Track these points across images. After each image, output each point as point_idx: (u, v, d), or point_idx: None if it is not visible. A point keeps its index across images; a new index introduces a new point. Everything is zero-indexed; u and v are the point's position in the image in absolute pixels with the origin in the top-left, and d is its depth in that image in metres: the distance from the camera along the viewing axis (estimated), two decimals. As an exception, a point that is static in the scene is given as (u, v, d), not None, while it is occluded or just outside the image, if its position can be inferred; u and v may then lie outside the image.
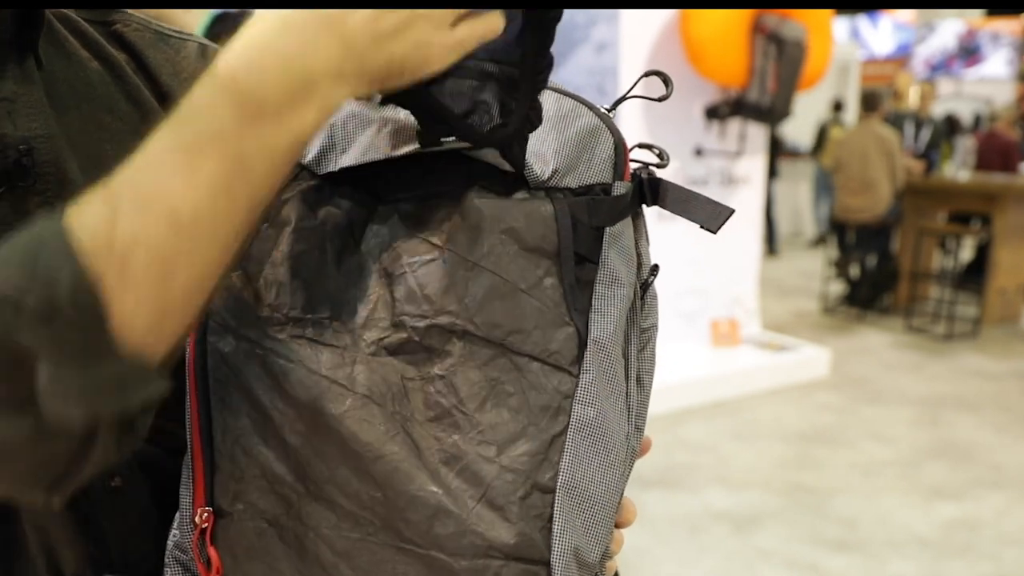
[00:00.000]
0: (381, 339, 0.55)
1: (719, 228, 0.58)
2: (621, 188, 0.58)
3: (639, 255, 0.60)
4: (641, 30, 4.19)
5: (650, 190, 0.60)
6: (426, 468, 0.53)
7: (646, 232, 0.62)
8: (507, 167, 0.55)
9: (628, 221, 0.59)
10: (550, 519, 0.53)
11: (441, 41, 0.48)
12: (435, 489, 0.53)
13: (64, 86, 0.61)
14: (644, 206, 0.61)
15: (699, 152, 4.51)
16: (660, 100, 0.60)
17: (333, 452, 0.55)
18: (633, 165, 0.61)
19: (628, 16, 4.14)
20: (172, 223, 0.43)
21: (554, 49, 0.53)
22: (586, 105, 0.60)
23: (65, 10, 0.64)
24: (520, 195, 0.56)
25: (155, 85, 0.67)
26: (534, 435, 0.54)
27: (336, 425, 0.54)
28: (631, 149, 0.61)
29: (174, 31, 0.71)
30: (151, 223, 0.43)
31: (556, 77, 0.57)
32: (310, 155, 0.58)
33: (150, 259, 0.43)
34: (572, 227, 0.55)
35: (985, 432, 3.99)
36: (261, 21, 0.46)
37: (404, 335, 0.55)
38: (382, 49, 0.47)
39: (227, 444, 0.58)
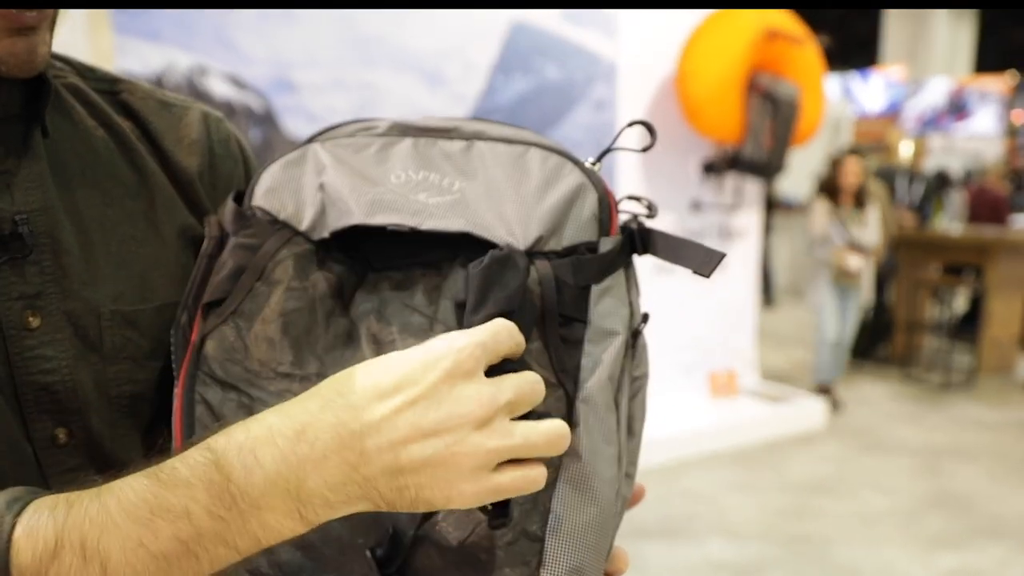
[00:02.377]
0: None
1: (711, 272, 0.58)
2: (608, 244, 0.58)
3: (630, 304, 0.60)
4: (639, 88, 4.32)
5: (641, 240, 0.61)
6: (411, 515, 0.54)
7: (636, 281, 0.63)
8: (491, 237, 0.56)
9: (620, 273, 0.59)
10: (538, 566, 0.53)
11: (474, 489, 0.45)
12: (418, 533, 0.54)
13: (69, 154, 0.63)
14: (636, 256, 0.62)
15: (696, 206, 4.60)
16: (645, 150, 0.61)
17: None
18: (623, 216, 0.62)
19: (626, 74, 4.26)
20: None
21: (554, 106, 0.58)
22: (572, 161, 0.61)
23: (74, 81, 0.67)
24: None
25: (158, 151, 0.70)
26: None
27: None
28: (620, 201, 0.62)
29: (178, 99, 0.74)
30: (80, 574, 0.44)
31: (556, 134, 0.62)
32: (305, 222, 0.60)
33: None
34: (557, 289, 0.55)
35: (984, 482, 4.01)
36: (279, 418, 0.46)
37: None
38: (396, 481, 0.44)
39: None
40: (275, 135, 3.36)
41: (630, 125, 0.64)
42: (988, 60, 14.12)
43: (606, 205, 0.59)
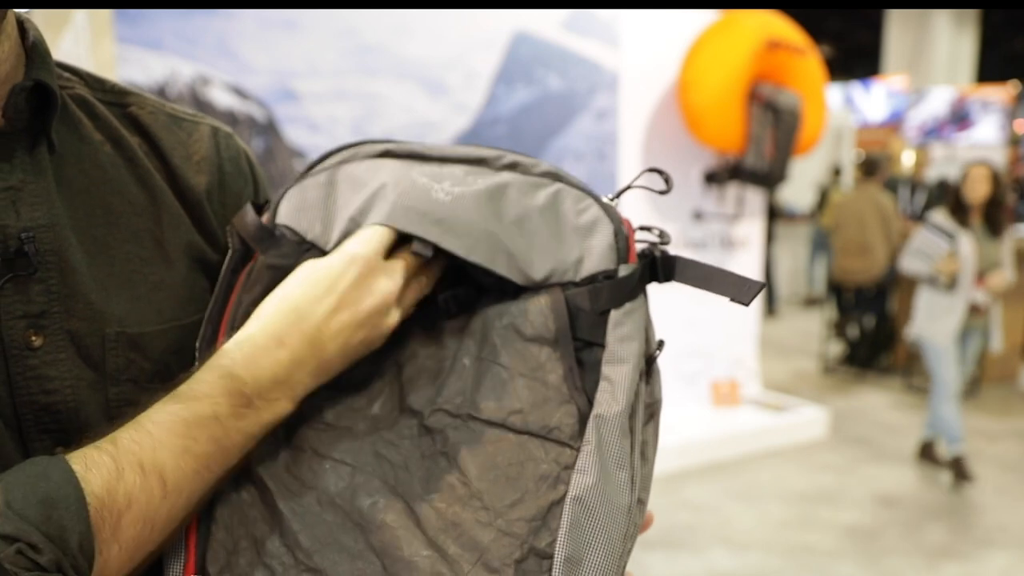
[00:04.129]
0: (387, 421, 0.61)
1: (751, 301, 0.59)
2: (625, 271, 0.60)
3: (646, 330, 0.61)
4: (641, 98, 4.33)
5: (663, 268, 0.62)
6: (424, 536, 0.54)
7: (647, 308, 0.64)
8: (505, 273, 0.62)
9: (641, 299, 0.61)
10: None
11: (390, 324, 0.62)
12: (427, 553, 0.54)
13: (75, 169, 0.62)
14: (656, 283, 0.63)
15: (698, 216, 4.60)
16: (662, 194, 0.64)
17: (330, 523, 0.56)
18: (640, 245, 0.63)
19: (628, 84, 4.27)
20: (160, 489, 0.52)
21: (555, 116, 0.60)
22: (591, 196, 0.64)
23: (82, 92, 0.66)
24: (525, 294, 0.62)
25: (167, 168, 0.68)
26: (531, 502, 0.55)
27: (335, 498, 0.57)
28: (635, 231, 0.64)
29: (188, 113, 0.73)
30: (145, 488, 0.52)
31: (558, 144, 0.63)
32: (331, 244, 0.64)
33: (137, 517, 0.51)
34: (574, 315, 0.60)
35: (986, 492, 3.99)
36: (260, 331, 0.59)
37: (411, 420, 0.60)
38: (345, 348, 0.60)
39: (224, 514, 0.58)
40: (277, 144, 3.37)
41: (648, 171, 0.67)
42: (990, 69, 14.15)
43: (623, 236, 0.62)
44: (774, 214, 8.40)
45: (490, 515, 0.55)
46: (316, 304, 0.60)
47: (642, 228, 0.65)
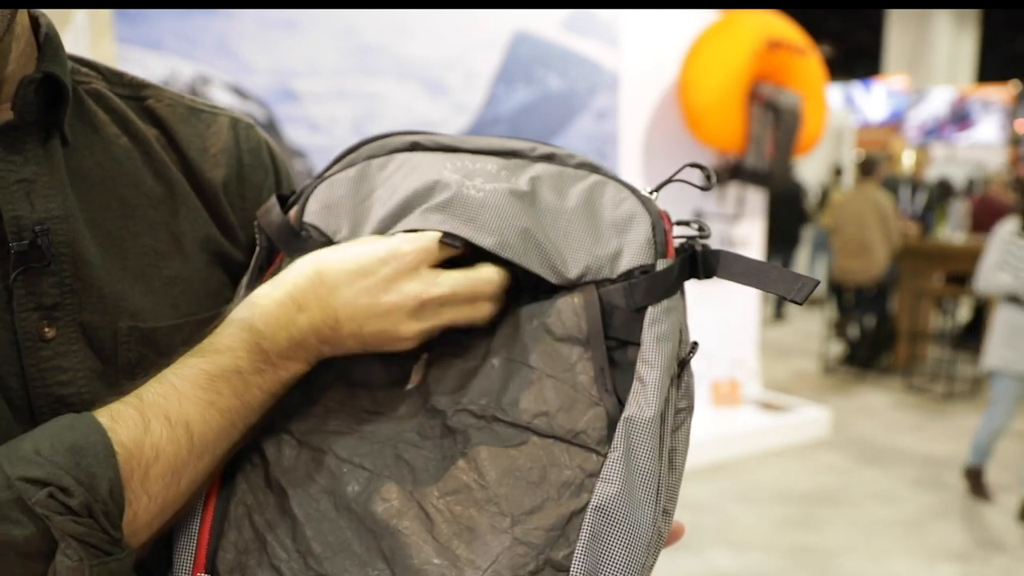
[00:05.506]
0: (411, 423, 0.59)
1: (805, 299, 0.55)
2: (663, 264, 0.58)
3: (681, 331, 0.58)
4: (641, 98, 4.32)
5: (704, 263, 0.60)
6: (436, 541, 0.53)
7: (685, 308, 0.61)
8: (544, 274, 0.60)
9: (679, 297, 0.58)
10: None
11: (409, 330, 0.60)
12: (438, 561, 0.52)
13: (89, 162, 0.61)
14: (696, 279, 0.60)
15: (698, 215, 4.60)
16: (704, 189, 0.62)
17: (343, 528, 0.55)
18: (679, 240, 0.61)
19: (628, 84, 4.27)
20: (187, 441, 0.53)
21: (556, 116, 0.59)
22: (628, 189, 0.61)
23: (99, 87, 0.65)
24: (560, 293, 0.59)
25: (184, 161, 0.68)
26: (552, 509, 0.52)
27: (351, 502, 0.56)
28: (673, 225, 0.62)
29: (207, 106, 0.72)
30: (172, 440, 0.52)
31: (558, 144, 0.62)
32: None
33: (166, 469, 0.52)
34: (608, 313, 0.57)
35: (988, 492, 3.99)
36: (282, 293, 0.59)
37: (435, 420, 0.58)
38: (359, 333, 0.59)
39: (238, 514, 0.57)
40: (277, 144, 3.37)
41: (689, 166, 0.65)
42: (990, 69, 14.14)
43: (661, 230, 0.59)
44: (802, 217, 8.27)
45: (506, 521, 0.53)
46: (342, 281, 0.59)
47: (680, 223, 0.63)
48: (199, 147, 0.69)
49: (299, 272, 0.60)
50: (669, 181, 0.63)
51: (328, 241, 0.64)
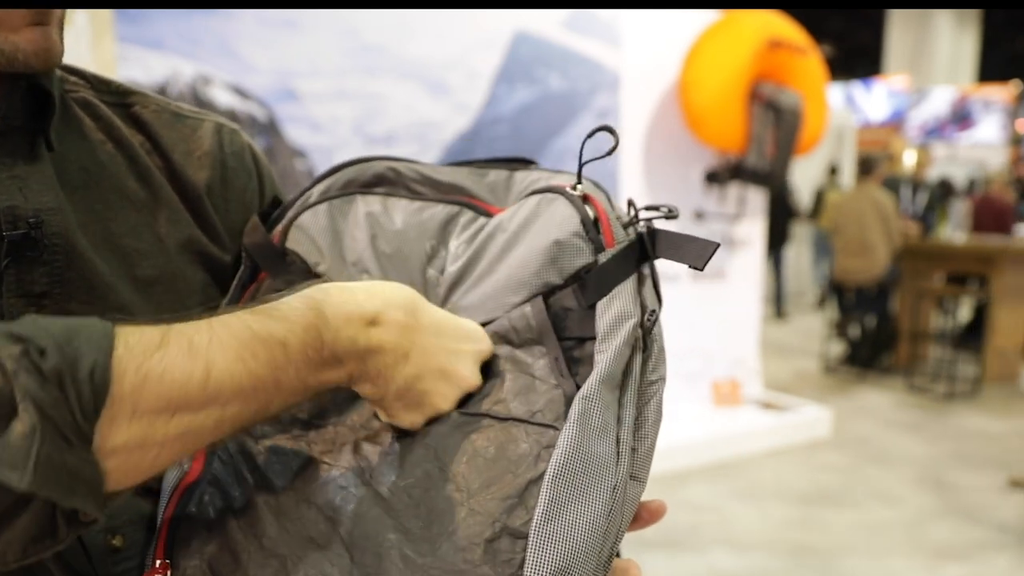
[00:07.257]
0: (369, 428, 0.61)
1: (705, 265, 0.56)
2: (605, 257, 0.59)
3: (641, 304, 0.59)
4: (642, 98, 4.32)
5: (651, 243, 0.61)
6: (392, 519, 0.54)
7: (654, 277, 0.63)
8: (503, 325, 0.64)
9: (625, 281, 0.59)
10: (521, 565, 0.50)
11: (445, 406, 0.60)
12: (394, 537, 0.53)
13: (74, 167, 0.62)
14: (648, 261, 0.61)
15: (699, 215, 4.60)
16: (608, 155, 0.61)
17: (303, 518, 0.57)
18: (642, 222, 0.63)
19: (629, 84, 4.27)
20: (201, 378, 0.47)
21: (556, 116, 0.61)
22: (556, 192, 0.63)
23: (86, 95, 0.67)
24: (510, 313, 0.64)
25: (167, 163, 0.69)
26: (510, 481, 0.53)
27: (310, 494, 0.58)
28: (639, 210, 0.63)
29: (193, 111, 0.74)
30: (184, 369, 0.46)
31: (559, 144, 0.63)
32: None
33: (162, 394, 0.45)
34: (562, 316, 0.60)
35: (989, 492, 3.99)
36: (366, 297, 0.56)
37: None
38: (411, 388, 0.58)
39: (202, 504, 0.59)
40: (278, 144, 3.37)
41: (591, 134, 0.63)
42: (991, 69, 14.13)
43: (589, 226, 0.61)
44: (791, 214, 8.35)
45: (463, 495, 0.54)
46: (434, 329, 0.59)
47: (649, 208, 0.63)
48: (183, 151, 0.70)
49: (396, 294, 0.58)
50: (586, 162, 0.62)
51: (309, 270, 0.68)
